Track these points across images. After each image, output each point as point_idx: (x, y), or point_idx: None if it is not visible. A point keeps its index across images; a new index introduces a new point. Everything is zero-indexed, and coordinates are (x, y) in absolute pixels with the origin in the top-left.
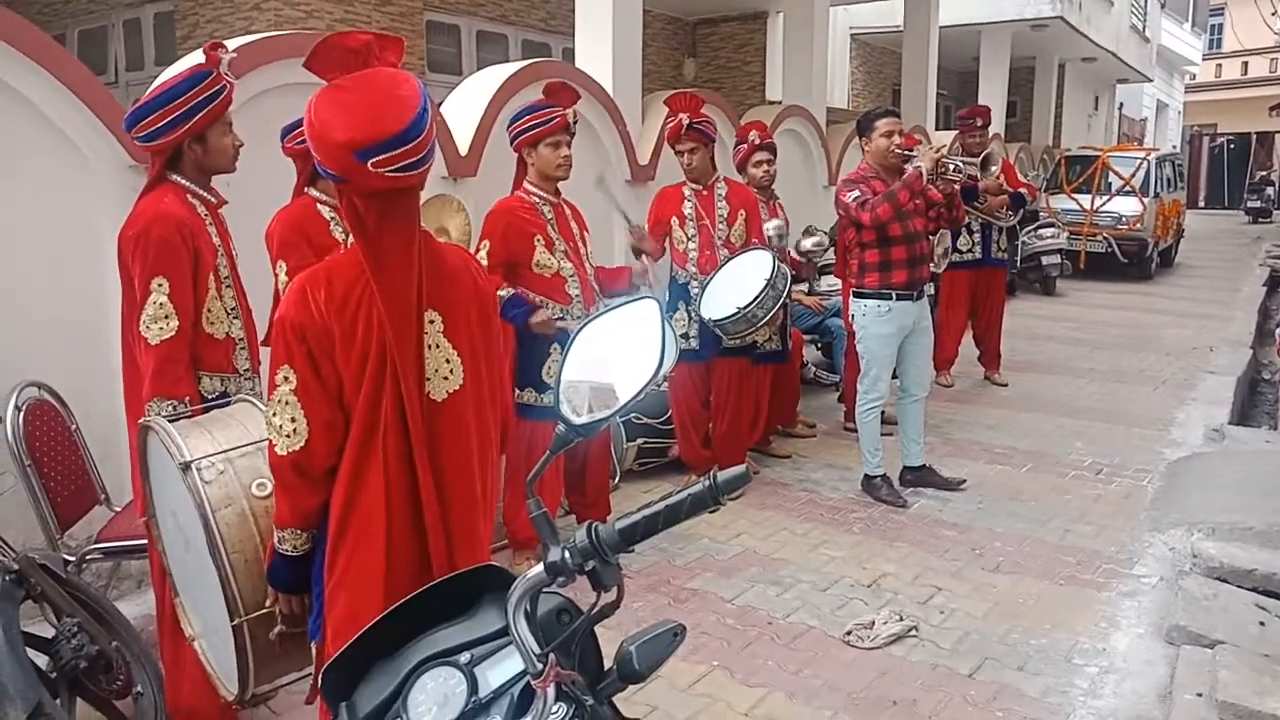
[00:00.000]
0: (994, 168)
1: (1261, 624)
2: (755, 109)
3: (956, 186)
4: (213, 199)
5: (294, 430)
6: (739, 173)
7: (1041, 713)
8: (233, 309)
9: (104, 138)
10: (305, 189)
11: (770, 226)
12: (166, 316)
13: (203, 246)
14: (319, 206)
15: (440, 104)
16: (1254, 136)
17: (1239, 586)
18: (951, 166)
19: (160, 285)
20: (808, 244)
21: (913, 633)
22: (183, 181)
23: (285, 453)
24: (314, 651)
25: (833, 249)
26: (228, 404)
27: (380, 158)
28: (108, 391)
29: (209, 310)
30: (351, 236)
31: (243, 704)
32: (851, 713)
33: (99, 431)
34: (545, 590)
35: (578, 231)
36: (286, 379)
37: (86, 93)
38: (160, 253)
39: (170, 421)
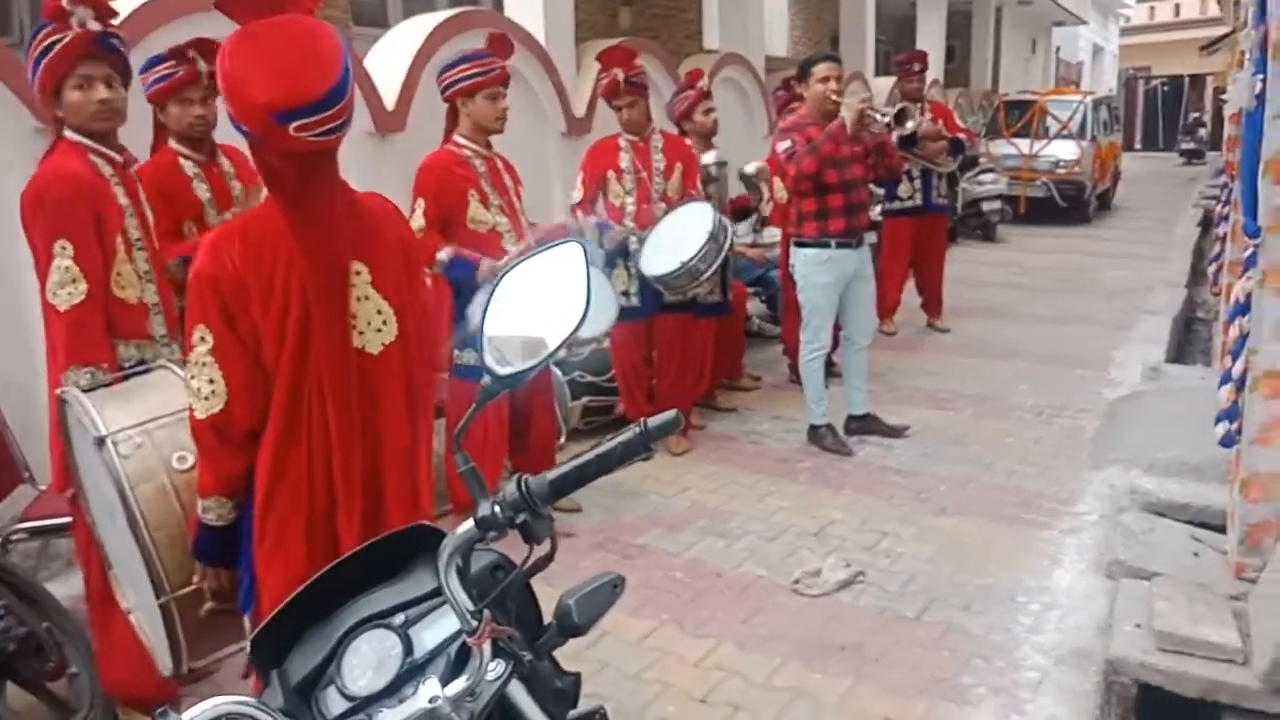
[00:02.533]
0: (910, 123)
1: (1196, 555)
2: (692, 58)
3: (889, 135)
4: (118, 157)
5: (212, 392)
6: (677, 124)
7: (986, 650)
8: (146, 272)
9: (6, 99)
10: (168, 141)
11: (709, 157)
12: (74, 280)
13: (106, 207)
14: (181, 161)
15: (365, 56)
16: (1187, 79)
17: (1175, 520)
18: (877, 117)
19: (64, 248)
20: (751, 168)
21: (860, 578)
22: (82, 140)
23: (204, 415)
24: (246, 624)
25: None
26: (148, 372)
27: (302, 121)
28: (26, 365)
29: (119, 274)
30: (266, 191)
31: (180, 679)
32: (801, 659)
33: (19, 407)
34: (478, 547)
35: (512, 186)
36: (203, 339)
37: None
38: (59, 214)
39: (87, 392)
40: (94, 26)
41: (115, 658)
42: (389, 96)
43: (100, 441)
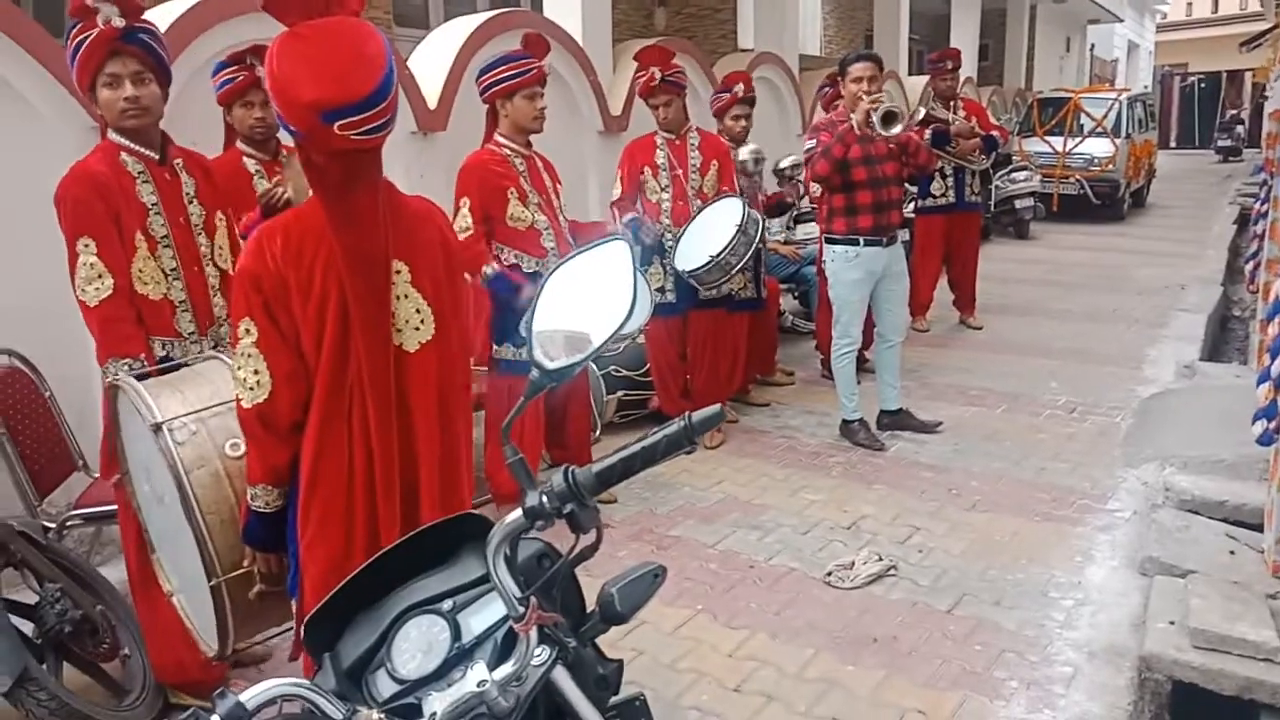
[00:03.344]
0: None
1: (1232, 553)
2: (727, 57)
3: (913, 134)
4: (151, 154)
5: (258, 383)
6: (716, 121)
7: (1019, 645)
8: (172, 270)
9: (63, 99)
10: (236, 141)
11: (745, 152)
12: (100, 276)
13: (123, 205)
14: (244, 160)
15: (407, 58)
16: (1224, 75)
17: (1210, 518)
18: (874, 121)
19: (87, 246)
20: (786, 162)
21: (892, 572)
22: (119, 139)
23: (250, 405)
24: (294, 608)
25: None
26: (198, 362)
27: (347, 120)
28: (79, 357)
29: (140, 270)
30: (311, 191)
31: (223, 660)
32: (833, 651)
33: (73, 398)
34: (525, 536)
35: (550, 184)
36: (248, 331)
37: (42, 53)
38: (78, 213)
39: (140, 379)
40: (118, 23)
41: (160, 640)
42: (431, 96)
43: (157, 428)
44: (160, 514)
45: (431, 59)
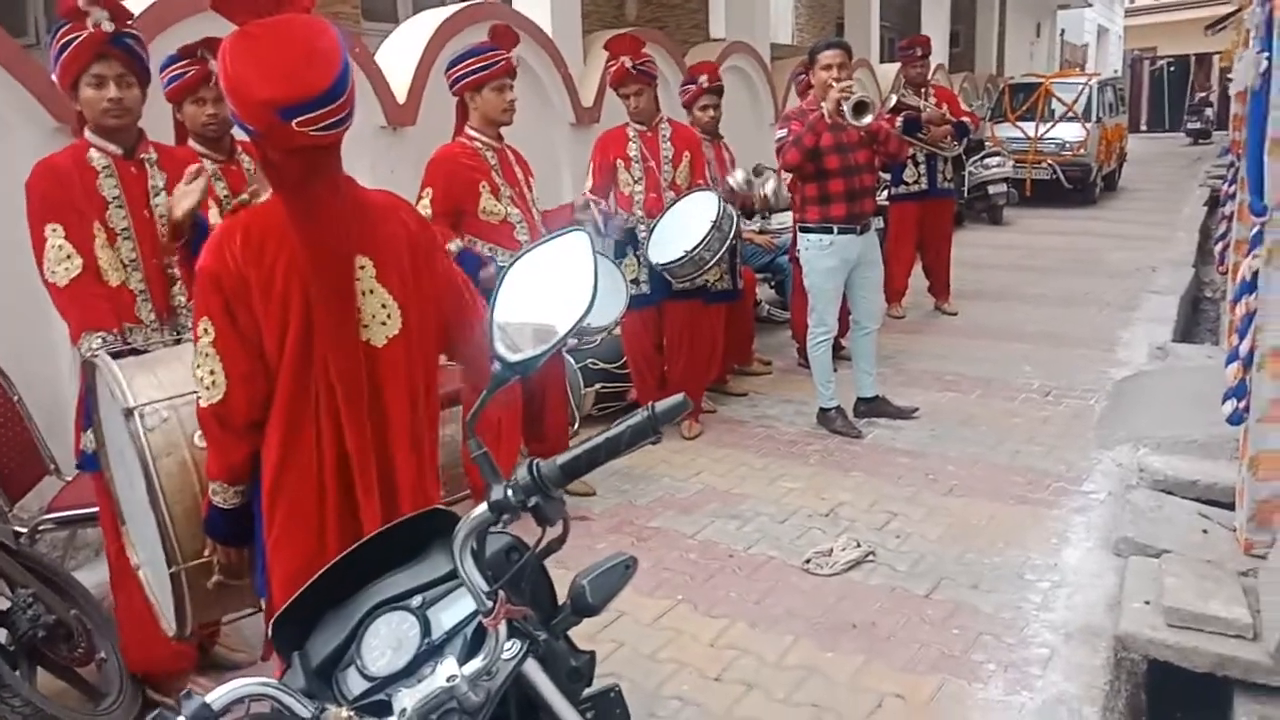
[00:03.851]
0: (867, 117)
1: (1205, 532)
2: (698, 47)
3: (884, 122)
4: (117, 150)
5: (213, 382)
6: (686, 113)
7: (996, 627)
8: (132, 260)
9: (24, 100)
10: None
11: (738, 177)
12: (69, 256)
13: (80, 197)
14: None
15: (375, 52)
16: (1193, 58)
17: (1183, 497)
18: (845, 109)
19: (54, 230)
20: (736, 179)
21: (870, 558)
22: (91, 137)
23: (206, 404)
24: (263, 605)
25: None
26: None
27: (305, 117)
28: (48, 360)
29: (99, 259)
30: (271, 189)
31: (182, 639)
32: (813, 637)
33: (43, 401)
34: (493, 531)
35: (522, 176)
36: (206, 330)
37: (2, 54)
38: (42, 202)
39: (116, 358)
40: (108, 27)
41: (134, 631)
42: (400, 90)
43: (129, 413)
44: (130, 492)
45: (400, 53)
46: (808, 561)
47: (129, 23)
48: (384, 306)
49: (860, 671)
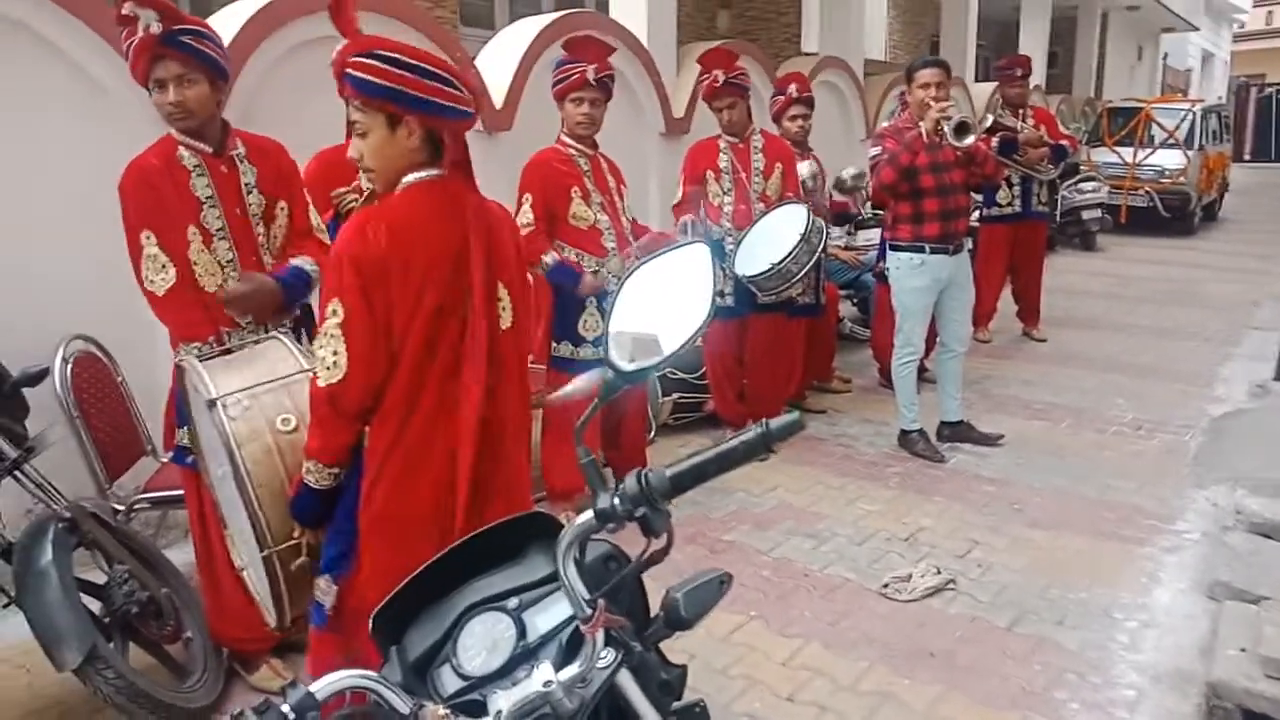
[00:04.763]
0: (969, 138)
1: None
2: (791, 60)
3: (981, 143)
4: (206, 148)
5: (335, 363)
6: (775, 124)
7: (1081, 666)
8: (228, 261)
9: (131, 85)
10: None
11: (803, 168)
12: (164, 266)
13: (172, 198)
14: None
15: (474, 57)
16: None
17: None
18: (946, 129)
19: (149, 238)
20: (849, 173)
21: (950, 586)
22: (176, 134)
23: (324, 384)
24: (325, 585)
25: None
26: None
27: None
28: (148, 343)
29: (195, 263)
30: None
31: (284, 631)
32: (889, 663)
33: (143, 383)
34: (593, 538)
35: (614, 184)
36: (335, 312)
37: (108, 31)
38: (135, 206)
39: (203, 360)
40: (156, 29)
41: (218, 616)
42: (497, 96)
43: (211, 404)
44: (225, 491)
45: (498, 59)
46: (885, 586)
47: (182, 20)
48: (500, 300)
49: (938, 701)
